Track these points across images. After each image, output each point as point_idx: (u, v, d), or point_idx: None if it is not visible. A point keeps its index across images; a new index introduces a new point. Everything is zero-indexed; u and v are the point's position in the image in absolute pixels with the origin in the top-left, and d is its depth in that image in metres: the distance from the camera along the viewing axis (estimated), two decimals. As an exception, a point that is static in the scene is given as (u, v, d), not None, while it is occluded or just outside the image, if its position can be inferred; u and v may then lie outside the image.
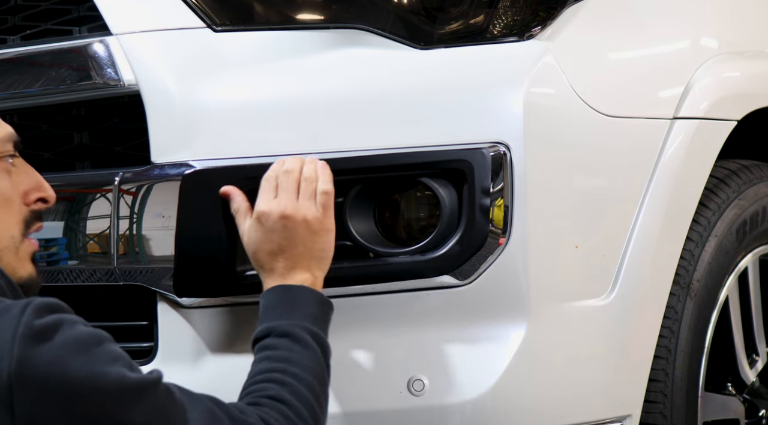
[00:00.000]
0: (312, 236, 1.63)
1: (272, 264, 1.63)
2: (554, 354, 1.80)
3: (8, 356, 1.26)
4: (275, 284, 1.62)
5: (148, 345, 1.79)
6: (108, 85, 1.79)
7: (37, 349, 1.27)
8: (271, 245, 1.63)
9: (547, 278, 1.77)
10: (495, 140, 1.72)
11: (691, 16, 2.12)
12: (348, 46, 1.80)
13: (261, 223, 1.64)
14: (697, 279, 2.03)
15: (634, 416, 1.91)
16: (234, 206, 1.68)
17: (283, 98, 1.77)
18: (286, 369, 1.52)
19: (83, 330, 1.32)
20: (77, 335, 1.31)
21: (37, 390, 1.26)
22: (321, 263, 1.64)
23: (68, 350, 1.29)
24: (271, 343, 1.56)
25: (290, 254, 1.62)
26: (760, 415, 2.28)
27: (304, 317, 1.59)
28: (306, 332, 1.57)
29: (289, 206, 1.63)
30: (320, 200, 1.65)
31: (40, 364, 1.27)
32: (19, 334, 1.27)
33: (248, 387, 1.52)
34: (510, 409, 1.76)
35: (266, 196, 1.65)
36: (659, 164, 1.92)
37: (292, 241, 1.62)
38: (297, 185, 1.65)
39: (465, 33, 1.82)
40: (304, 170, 1.66)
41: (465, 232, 1.71)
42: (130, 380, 1.32)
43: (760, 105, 2.16)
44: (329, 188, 1.66)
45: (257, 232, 1.64)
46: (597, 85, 1.85)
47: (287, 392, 1.49)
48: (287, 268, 1.62)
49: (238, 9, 1.83)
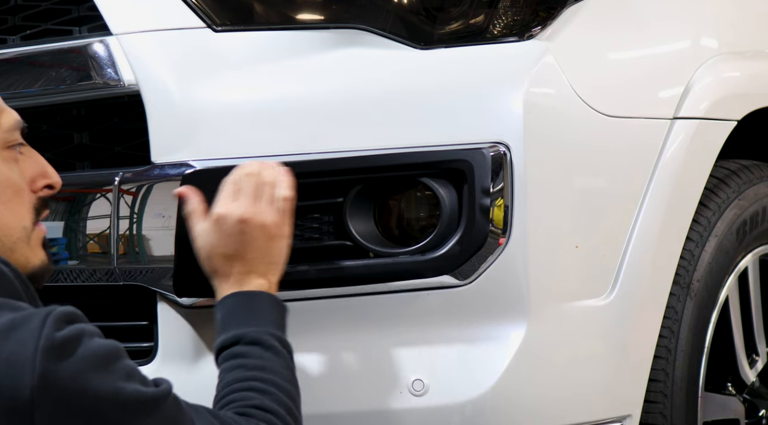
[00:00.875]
0: (268, 241, 1.62)
1: (227, 269, 1.62)
2: (554, 354, 1.80)
3: (30, 370, 1.24)
4: (232, 290, 1.61)
5: (148, 345, 1.79)
6: (108, 85, 1.79)
7: (59, 364, 1.25)
8: (226, 248, 1.61)
9: (547, 278, 1.77)
10: (495, 140, 1.72)
11: (691, 16, 2.12)
12: (348, 46, 1.80)
13: (218, 225, 1.62)
14: (697, 279, 2.03)
15: (634, 416, 1.91)
16: (189, 207, 1.66)
17: (283, 98, 1.77)
18: (263, 378, 1.51)
19: (101, 343, 1.31)
20: (97, 349, 1.30)
21: (59, 404, 1.25)
22: (275, 269, 1.63)
23: (89, 365, 1.28)
24: (242, 351, 1.55)
25: (246, 259, 1.61)
26: (760, 415, 2.28)
27: (268, 324, 1.58)
28: (274, 338, 1.56)
29: (248, 210, 1.61)
30: (279, 205, 1.63)
31: (62, 379, 1.25)
32: (41, 348, 1.25)
33: (226, 395, 1.51)
34: (510, 409, 1.76)
35: (226, 199, 1.63)
36: (659, 164, 1.92)
37: (248, 245, 1.61)
38: (256, 189, 1.63)
39: (465, 33, 1.82)
40: (264, 174, 1.64)
41: (465, 232, 1.71)
42: (146, 395, 1.31)
43: (760, 105, 2.16)
44: (288, 194, 1.64)
45: (213, 234, 1.62)
46: (597, 85, 1.85)
47: (271, 400, 1.49)
48: (243, 273, 1.61)
49: (238, 9, 1.83)
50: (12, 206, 1.45)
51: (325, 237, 1.76)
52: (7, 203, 1.44)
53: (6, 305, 1.32)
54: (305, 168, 1.71)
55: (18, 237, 1.46)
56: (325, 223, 1.76)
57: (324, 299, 1.74)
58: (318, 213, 1.76)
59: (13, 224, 1.45)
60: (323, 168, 1.72)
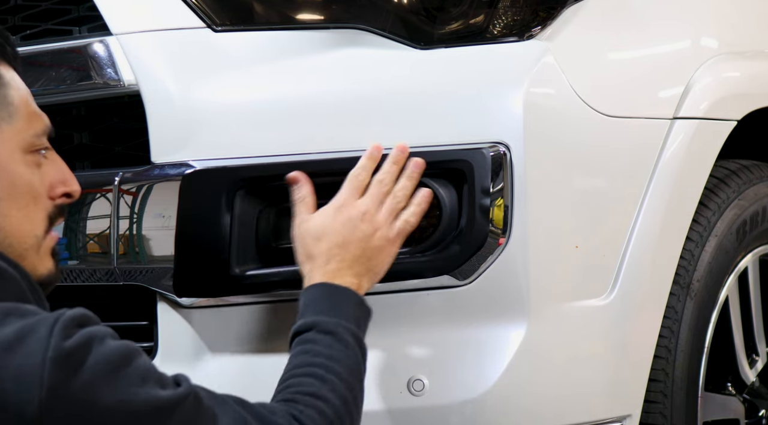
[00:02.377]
0: (377, 248, 1.62)
1: (326, 257, 1.60)
2: (554, 354, 1.80)
3: (39, 383, 1.20)
4: (323, 280, 1.59)
5: (148, 345, 1.79)
6: (108, 85, 1.79)
7: (68, 375, 1.22)
8: (335, 237, 1.60)
9: (547, 278, 1.77)
10: (495, 140, 1.72)
11: (691, 16, 2.12)
12: (348, 46, 1.80)
13: (337, 213, 1.62)
14: (697, 279, 2.03)
15: (634, 416, 1.91)
16: (300, 193, 1.66)
17: (283, 98, 1.77)
18: (327, 366, 1.48)
19: (113, 346, 1.28)
20: (108, 355, 1.26)
21: (69, 417, 1.22)
22: (371, 276, 1.63)
23: (100, 373, 1.24)
24: (312, 338, 1.52)
25: (349, 253, 1.60)
26: (760, 415, 2.28)
27: (348, 318, 1.56)
28: (349, 333, 1.54)
29: (371, 210, 1.63)
30: (400, 225, 1.65)
31: (71, 391, 1.22)
32: (49, 359, 1.21)
33: (287, 380, 1.48)
34: (510, 409, 1.76)
35: (350, 192, 1.64)
36: (659, 164, 1.92)
37: (358, 242, 1.61)
38: (385, 197, 1.65)
39: (465, 33, 1.82)
40: (397, 187, 1.66)
41: (465, 232, 1.71)
42: (162, 399, 1.28)
43: (760, 105, 2.16)
44: (415, 221, 1.66)
45: (327, 220, 1.61)
46: (597, 85, 1.85)
47: (327, 389, 1.46)
48: (339, 269, 1.60)
49: (238, 9, 1.83)
50: (28, 212, 1.41)
51: (325, 237, 1.76)
52: (23, 209, 1.40)
53: (14, 311, 1.27)
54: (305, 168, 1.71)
55: (30, 245, 1.42)
56: (325, 223, 1.76)
57: (324, 299, 1.74)
58: (318, 213, 1.76)
59: (26, 231, 1.41)
60: (323, 168, 1.72)
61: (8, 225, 1.38)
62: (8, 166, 1.38)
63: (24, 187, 1.40)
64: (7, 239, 1.38)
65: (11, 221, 1.38)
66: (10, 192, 1.37)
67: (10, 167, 1.38)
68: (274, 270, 1.74)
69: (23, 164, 1.40)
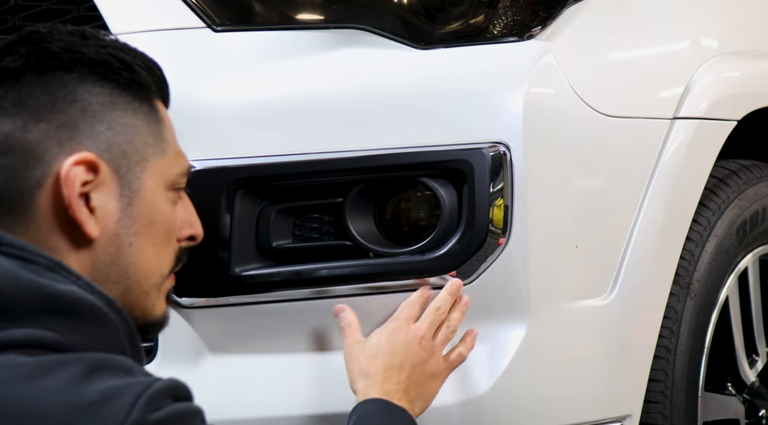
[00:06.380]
0: (430, 376, 1.64)
1: (383, 378, 1.60)
2: (554, 354, 1.80)
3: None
4: (379, 396, 1.59)
5: (148, 345, 1.79)
6: (108, 85, 1.79)
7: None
8: (392, 358, 1.62)
9: (547, 278, 1.77)
10: (495, 140, 1.72)
11: (691, 16, 2.12)
12: (348, 46, 1.80)
13: (393, 335, 1.63)
14: (697, 279, 2.03)
15: (634, 416, 1.91)
16: (345, 320, 1.68)
17: (283, 98, 1.77)
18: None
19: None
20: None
21: None
22: (421, 403, 1.64)
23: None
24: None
25: (404, 378, 1.61)
26: (760, 415, 2.28)
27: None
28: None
29: (427, 337, 1.64)
30: (455, 357, 1.69)
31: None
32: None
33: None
34: (510, 409, 1.76)
35: (406, 317, 1.66)
36: (659, 164, 1.92)
37: (412, 367, 1.62)
38: (440, 325, 1.67)
39: (465, 33, 1.82)
40: (451, 318, 1.69)
41: (465, 232, 1.71)
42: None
43: (760, 105, 2.16)
44: (466, 356, 1.69)
45: (383, 340, 1.63)
46: (597, 85, 1.85)
47: None
48: (396, 390, 1.60)
49: (238, 9, 1.83)
50: (161, 249, 1.37)
51: (325, 237, 1.76)
52: (158, 246, 1.36)
53: (104, 365, 1.18)
54: (305, 168, 1.71)
55: (154, 283, 1.37)
56: (325, 223, 1.76)
57: (324, 299, 1.74)
58: (318, 213, 1.76)
59: (156, 268, 1.37)
60: (323, 168, 1.72)
61: (140, 260, 1.34)
62: (153, 200, 1.35)
63: (163, 224, 1.37)
64: (137, 274, 1.34)
65: (143, 257, 1.34)
66: (149, 227, 1.34)
67: (155, 201, 1.35)
68: (274, 270, 1.74)
69: (166, 201, 1.37)
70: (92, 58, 1.32)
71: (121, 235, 1.32)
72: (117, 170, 1.32)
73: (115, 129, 1.32)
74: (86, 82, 1.32)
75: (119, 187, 1.32)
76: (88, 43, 1.34)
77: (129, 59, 1.35)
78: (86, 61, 1.32)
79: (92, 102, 1.31)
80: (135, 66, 1.36)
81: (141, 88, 1.36)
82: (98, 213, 1.30)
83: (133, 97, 1.35)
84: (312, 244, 1.76)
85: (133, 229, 1.33)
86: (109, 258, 1.32)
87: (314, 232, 1.76)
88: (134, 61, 1.36)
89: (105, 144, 1.31)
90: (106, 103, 1.32)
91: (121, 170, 1.32)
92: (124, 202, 1.32)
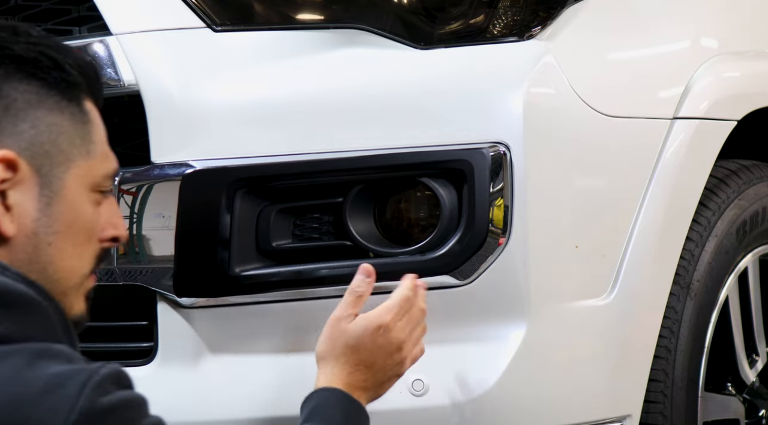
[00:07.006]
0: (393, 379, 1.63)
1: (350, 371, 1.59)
2: (554, 354, 1.80)
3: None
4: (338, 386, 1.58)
5: (148, 345, 1.79)
6: (108, 85, 1.78)
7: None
8: (368, 357, 1.60)
9: (547, 278, 1.77)
10: (495, 140, 1.73)
11: (691, 16, 2.12)
12: (348, 46, 1.80)
13: (377, 334, 1.61)
14: (697, 279, 2.03)
15: (634, 416, 1.91)
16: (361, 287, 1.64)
17: (283, 98, 1.77)
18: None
19: (152, 422, 1.22)
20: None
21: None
22: (373, 398, 1.63)
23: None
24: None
25: (371, 378, 1.60)
26: (760, 415, 2.28)
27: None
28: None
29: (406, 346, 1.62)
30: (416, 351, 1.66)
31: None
32: (73, 422, 1.13)
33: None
34: (510, 409, 1.76)
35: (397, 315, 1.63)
36: (659, 164, 1.92)
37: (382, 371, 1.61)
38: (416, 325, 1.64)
39: (465, 33, 1.82)
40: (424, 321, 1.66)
41: (465, 232, 1.71)
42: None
43: (760, 105, 2.16)
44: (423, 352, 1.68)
45: (366, 335, 1.60)
46: (597, 85, 1.86)
47: None
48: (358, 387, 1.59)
49: (238, 9, 1.83)
50: (82, 250, 1.36)
51: (325, 237, 1.76)
52: (78, 247, 1.36)
53: (45, 353, 1.19)
54: (305, 168, 1.71)
55: (74, 283, 1.37)
56: (325, 223, 1.76)
57: (324, 299, 1.74)
58: (318, 213, 1.76)
59: (76, 268, 1.36)
60: (323, 168, 1.72)
61: (60, 260, 1.34)
62: (75, 200, 1.34)
63: (85, 224, 1.36)
64: (56, 273, 1.34)
65: (64, 257, 1.34)
66: (70, 227, 1.34)
67: (77, 202, 1.34)
68: (274, 270, 1.74)
69: (88, 202, 1.36)
70: (21, 55, 1.31)
71: (40, 234, 1.31)
72: (38, 169, 1.31)
73: (39, 128, 1.31)
74: (12, 79, 1.30)
75: (39, 186, 1.31)
76: (20, 39, 1.32)
77: (60, 58, 1.34)
78: (14, 58, 1.31)
79: (17, 99, 1.30)
80: (65, 65, 1.34)
81: (70, 87, 1.34)
82: (15, 211, 1.29)
83: (62, 96, 1.33)
84: (312, 244, 1.76)
85: (53, 228, 1.32)
86: (28, 257, 1.31)
87: (314, 232, 1.76)
88: (65, 60, 1.34)
89: (27, 143, 1.30)
90: (32, 102, 1.31)
91: (42, 169, 1.31)
92: (43, 201, 1.31)
